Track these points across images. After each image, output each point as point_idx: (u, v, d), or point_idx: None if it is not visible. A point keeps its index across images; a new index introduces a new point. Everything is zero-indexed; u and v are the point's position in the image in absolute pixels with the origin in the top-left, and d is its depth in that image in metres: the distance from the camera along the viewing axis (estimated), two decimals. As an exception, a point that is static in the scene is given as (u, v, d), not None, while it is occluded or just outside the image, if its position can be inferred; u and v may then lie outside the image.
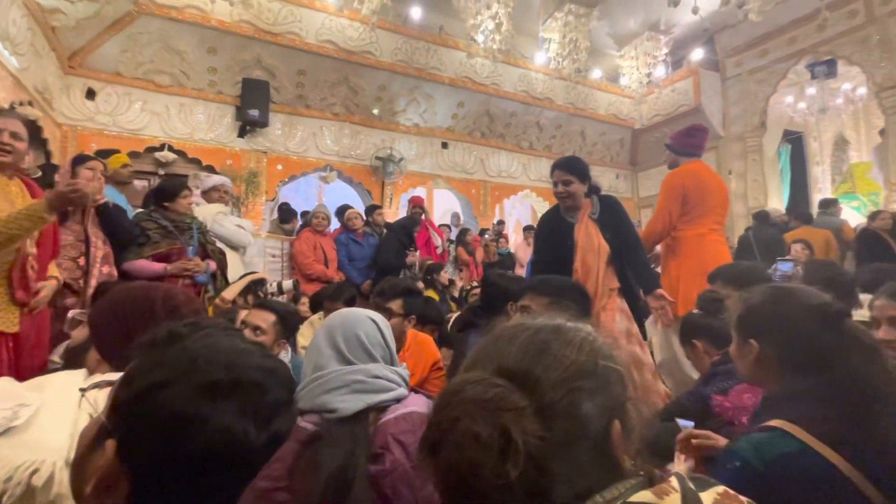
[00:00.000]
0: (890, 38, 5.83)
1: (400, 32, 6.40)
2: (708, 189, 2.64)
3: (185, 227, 2.74)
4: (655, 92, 7.98)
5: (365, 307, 1.43)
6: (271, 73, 5.86)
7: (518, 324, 0.54)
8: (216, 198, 3.25)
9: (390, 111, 6.81)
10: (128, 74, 5.25)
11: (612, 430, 0.48)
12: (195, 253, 2.73)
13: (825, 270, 2.14)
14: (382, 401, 1.01)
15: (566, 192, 2.23)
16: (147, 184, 5.28)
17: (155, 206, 2.72)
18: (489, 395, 0.45)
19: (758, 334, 0.96)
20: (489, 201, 7.77)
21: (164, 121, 5.45)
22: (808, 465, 0.76)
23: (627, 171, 9.13)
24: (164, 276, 2.47)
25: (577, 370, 0.48)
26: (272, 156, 6.10)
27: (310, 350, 1.11)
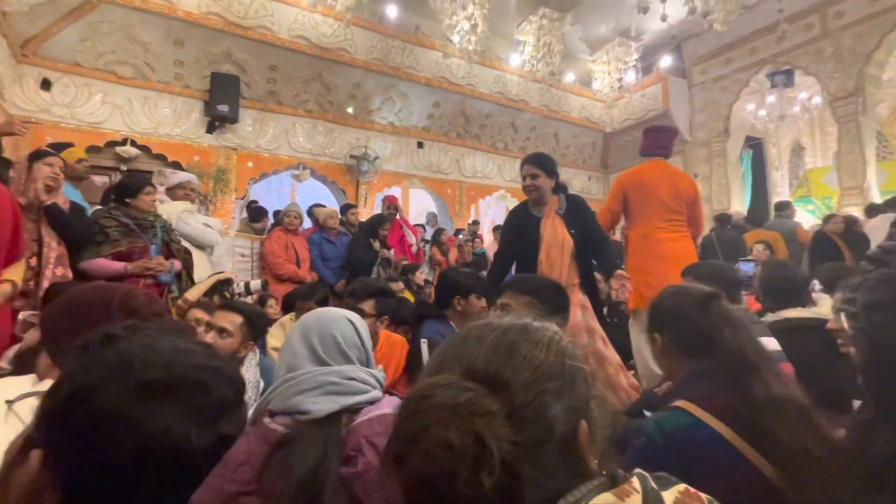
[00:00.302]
0: (842, 50, 6.17)
1: (375, 30, 6.35)
2: (651, 189, 2.65)
3: (148, 225, 2.63)
4: (626, 97, 8.20)
5: (339, 307, 1.40)
6: (241, 68, 5.70)
7: (485, 323, 0.53)
8: (182, 195, 3.13)
9: (365, 109, 6.74)
10: (87, 65, 5.00)
11: (578, 430, 0.47)
12: (158, 252, 2.62)
13: (781, 270, 2.24)
14: (356, 403, 0.99)
15: (533, 186, 2.30)
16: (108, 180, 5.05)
17: (116, 202, 2.60)
18: (461, 400, 0.43)
19: (659, 328, 1.08)
20: (464, 202, 7.79)
21: (127, 114, 5.22)
22: (700, 436, 0.85)
23: (599, 173, 9.34)
24: (124, 275, 2.36)
25: (546, 371, 0.47)
26: (242, 153, 5.94)
27: (283, 350, 1.08)
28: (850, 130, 6.16)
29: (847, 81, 6.14)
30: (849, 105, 6.14)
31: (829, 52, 6.29)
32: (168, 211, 2.93)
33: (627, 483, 0.45)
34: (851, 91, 6.10)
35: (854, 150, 6.11)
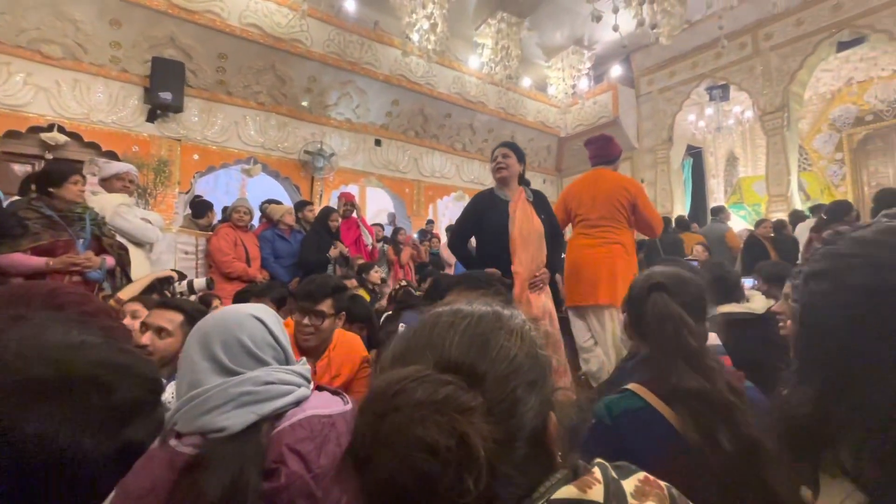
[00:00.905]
0: (771, 69, 6.73)
1: (332, 23, 6.19)
2: (585, 196, 2.74)
3: (75, 218, 2.41)
4: (579, 103, 8.51)
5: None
6: (187, 55, 5.37)
7: (454, 309, 0.49)
8: (119, 187, 2.89)
9: (321, 104, 6.56)
10: (6, 41, 4.52)
11: (548, 423, 0.46)
12: (87, 246, 2.41)
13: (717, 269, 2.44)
14: (278, 408, 0.88)
15: (504, 164, 2.39)
16: (31, 169, 4.60)
17: (38, 193, 2.36)
18: (441, 396, 0.39)
19: (625, 309, 1.17)
20: (422, 201, 7.77)
21: (54, 97, 4.77)
22: (646, 419, 0.91)
23: (554, 176, 9.62)
24: (46, 272, 2.14)
25: (521, 364, 0.45)
26: (187, 144, 5.59)
27: (182, 363, 0.92)
28: (777, 143, 6.72)
29: (774, 98, 6.69)
30: (776, 119, 6.70)
31: (759, 70, 6.84)
32: (102, 204, 2.70)
33: (589, 474, 0.45)
34: (778, 107, 6.66)
35: (780, 161, 6.68)
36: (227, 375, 0.88)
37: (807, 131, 8.50)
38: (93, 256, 2.42)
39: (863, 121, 8.14)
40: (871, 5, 5.78)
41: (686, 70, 7.76)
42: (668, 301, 0.98)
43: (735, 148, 9.43)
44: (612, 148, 2.85)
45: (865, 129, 8.16)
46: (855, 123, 8.22)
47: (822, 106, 8.47)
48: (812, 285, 0.52)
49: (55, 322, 0.47)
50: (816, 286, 0.51)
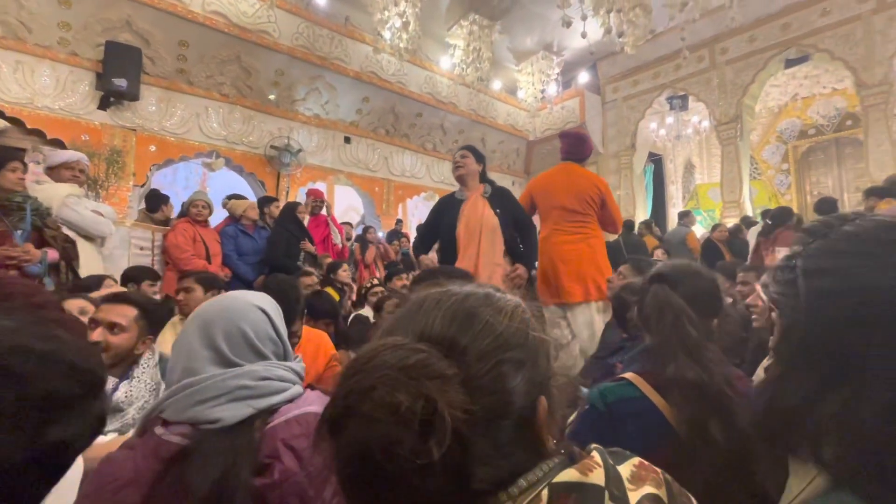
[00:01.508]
0: (726, 82, 7.11)
1: (301, 16, 6.04)
2: (552, 192, 2.76)
3: (13, 207, 2.25)
4: (548, 107, 8.68)
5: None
6: (144, 40, 5.10)
7: (444, 290, 0.48)
8: (67, 177, 2.69)
9: (288, 98, 6.38)
10: (-63, 15, 4.15)
11: (538, 407, 0.44)
12: (26, 238, 2.25)
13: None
14: (273, 404, 0.86)
15: (462, 163, 2.45)
16: (-37, 156, 4.22)
17: (-28, 180, 2.17)
18: (411, 361, 0.39)
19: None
20: (392, 200, 7.71)
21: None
22: (639, 408, 0.92)
23: (523, 178, 9.77)
24: (-20, 266, 1.97)
25: (507, 340, 0.44)
26: (143, 134, 5.30)
27: (177, 348, 0.89)
28: (731, 152, 7.10)
29: (729, 109, 7.07)
30: (730, 130, 7.08)
31: (715, 82, 7.21)
32: (49, 194, 2.51)
33: (589, 458, 0.45)
34: (732, 118, 7.05)
35: (733, 169, 7.06)
36: (225, 366, 0.85)
37: (757, 142, 9.03)
38: (32, 249, 2.26)
39: (806, 134, 8.74)
40: (816, 26, 6.22)
41: (648, 80, 8.08)
42: (669, 292, 0.98)
43: (693, 156, 9.90)
44: (586, 147, 2.90)
45: (808, 141, 8.76)
46: (799, 136, 8.82)
47: (771, 119, 9.03)
48: (815, 282, 0.53)
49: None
50: (819, 283, 0.52)
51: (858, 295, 0.49)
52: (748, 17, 6.52)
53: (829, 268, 0.52)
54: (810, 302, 0.53)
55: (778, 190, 9.03)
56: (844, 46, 5.99)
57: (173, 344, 0.92)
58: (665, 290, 0.99)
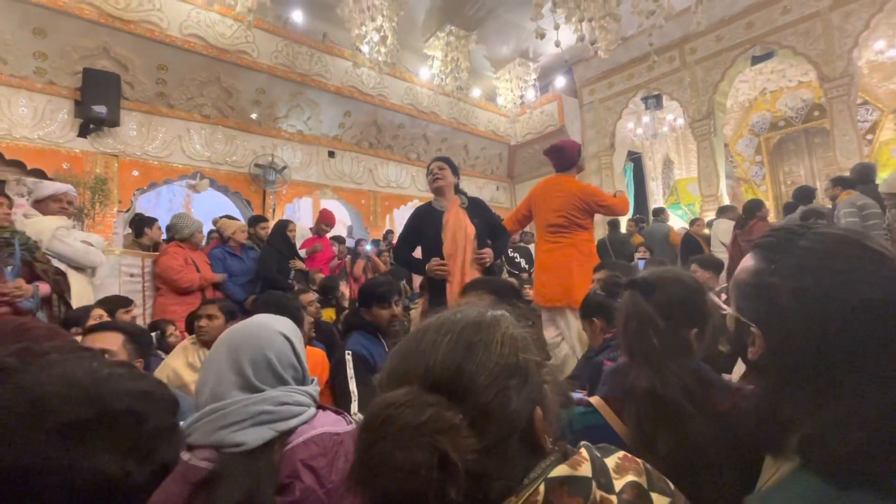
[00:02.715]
0: (697, 80, 7.35)
1: (280, 35, 6.09)
2: (541, 201, 2.95)
3: (2, 244, 2.26)
4: (527, 112, 8.84)
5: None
6: (123, 66, 5.09)
7: (440, 324, 0.53)
8: (56, 209, 2.69)
9: (270, 116, 6.41)
10: None
11: (535, 417, 0.50)
12: (17, 274, 2.26)
13: (656, 266, 2.73)
14: (292, 427, 0.91)
15: (441, 175, 2.53)
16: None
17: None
18: (423, 418, 0.44)
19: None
20: (379, 212, 7.75)
21: (-31, 113, 4.37)
22: (603, 436, 0.89)
23: (506, 183, 9.91)
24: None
25: (502, 370, 0.49)
26: (125, 160, 5.27)
27: (207, 371, 0.94)
28: (706, 147, 7.32)
29: (701, 106, 7.30)
30: (704, 126, 7.31)
31: (687, 81, 7.44)
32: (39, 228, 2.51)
33: (577, 454, 0.52)
34: (705, 115, 7.27)
35: (710, 164, 7.28)
36: (248, 391, 0.90)
37: (731, 136, 9.31)
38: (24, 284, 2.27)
39: (777, 126, 9.05)
40: (777, 24, 6.48)
41: (623, 81, 8.30)
42: (638, 299, 0.97)
43: (670, 152, 10.15)
44: (568, 156, 2.99)
45: (779, 133, 9.07)
46: (770, 129, 9.12)
47: (742, 113, 9.33)
48: (807, 302, 0.54)
49: (70, 353, 0.48)
50: (813, 303, 0.54)
51: (845, 311, 0.51)
52: (713, 17, 6.77)
53: (813, 286, 0.54)
54: (806, 321, 0.54)
55: (754, 181, 9.31)
56: (806, 42, 6.25)
57: (203, 363, 0.98)
58: (635, 297, 0.98)
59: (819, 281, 0.54)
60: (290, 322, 1.04)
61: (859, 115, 7.00)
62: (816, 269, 0.55)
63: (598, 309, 1.76)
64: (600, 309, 1.75)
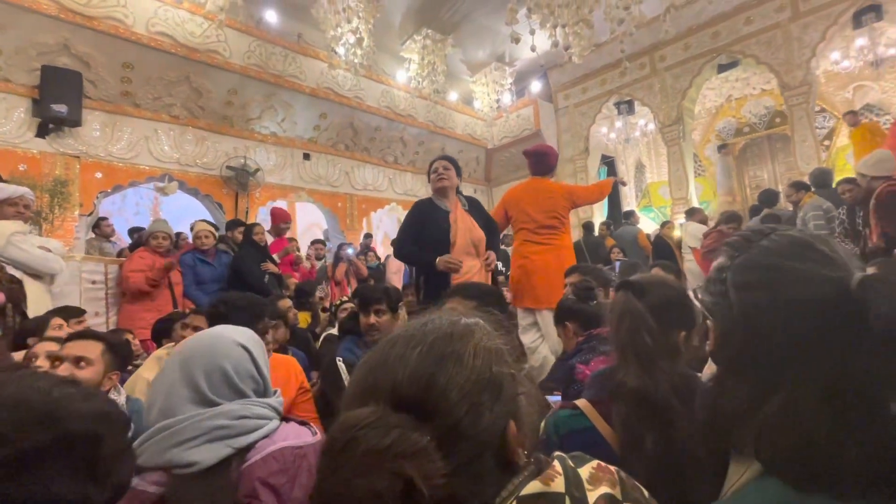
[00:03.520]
0: (666, 87, 7.57)
1: (253, 34, 5.96)
2: (522, 205, 2.97)
3: None
4: (504, 116, 8.93)
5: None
6: (85, 63, 4.88)
7: (409, 335, 0.50)
8: (11, 213, 2.55)
9: (243, 117, 6.26)
10: None
11: (508, 432, 0.48)
12: None
13: (630, 269, 2.77)
14: (250, 442, 0.85)
15: (446, 175, 2.51)
16: None
17: None
18: (387, 442, 0.41)
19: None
20: (356, 214, 7.67)
21: (-87, 110, 4.10)
22: (589, 441, 0.94)
23: (484, 186, 9.96)
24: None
25: (474, 384, 0.46)
26: (87, 161, 5.05)
27: (156, 388, 0.87)
28: (676, 152, 7.55)
29: (671, 112, 7.53)
30: (673, 131, 7.53)
31: (657, 87, 7.66)
32: (-10, 233, 2.38)
33: (551, 468, 0.49)
34: (674, 120, 7.50)
35: (679, 168, 7.50)
36: (203, 406, 0.84)
37: (699, 141, 9.63)
38: (-22, 294, 2.14)
39: (741, 132, 9.41)
40: (741, 34, 6.75)
41: (596, 87, 8.48)
42: (631, 299, 0.99)
43: (642, 156, 10.42)
44: (548, 161, 3.06)
45: (744, 139, 9.44)
46: (735, 134, 9.48)
47: (709, 119, 9.67)
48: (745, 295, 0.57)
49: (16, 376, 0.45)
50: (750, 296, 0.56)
51: (786, 307, 0.53)
52: (681, 26, 6.99)
53: (754, 281, 0.56)
54: (744, 313, 0.56)
55: (720, 185, 9.65)
56: (767, 52, 6.53)
57: (153, 380, 0.91)
58: (628, 297, 1.00)
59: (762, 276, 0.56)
60: (250, 331, 0.99)
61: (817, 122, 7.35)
62: (763, 265, 0.57)
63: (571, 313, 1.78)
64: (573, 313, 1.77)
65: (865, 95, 7.75)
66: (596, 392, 1.01)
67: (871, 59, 6.12)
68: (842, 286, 0.51)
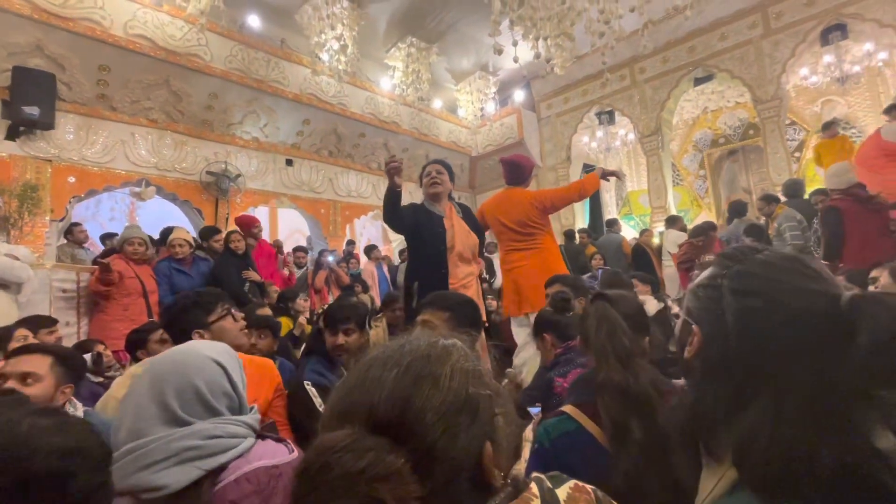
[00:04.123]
0: (646, 98, 7.76)
1: (235, 39, 5.90)
2: (498, 215, 3.00)
3: None
4: (487, 125, 9.02)
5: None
6: (59, 65, 4.76)
7: (386, 356, 0.50)
8: (-27, 219, 2.46)
9: (224, 122, 6.17)
10: None
11: (484, 454, 0.47)
12: None
13: (612, 277, 2.81)
14: (223, 463, 0.82)
15: (440, 180, 2.50)
16: None
17: None
18: (362, 465, 0.41)
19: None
20: (339, 221, 7.61)
21: None
22: (580, 440, 1.01)
23: (468, 193, 10.01)
24: None
25: (449, 407, 0.46)
26: (60, 165, 4.91)
27: (125, 405, 0.83)
28: (655, 161, 7.73)
29: (650, 123, 7.72)
30: (652, 141, 7.72)
31: (637, 98, 7.85)
32: (-49, 240, 2.27)
33: (528, 490, 0.49)
34: (653, 130, 7.69)
35: (658, 177, 7.68)
36: (174, 426, 0.80)
37: (677, 151, 9.87)
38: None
39: (717, 143, 9.69)
40: (716, 49, 6.99)
41: (578, 97, 8.64)
42: (608, 307, 1.11)
43: (623, 165, 10.62)
44: (522, 171, 3.09)
45: (719, 149, 9.71)
46: (712, 145, 9.76)
47: (687, 130, 9.93)
48: (744, 301, 0.58)
49: None
50: (748, 302, 0.58)
51: (781, 315, 0.54)
52: (659, 41, 7.19)
53: (754, 288, 0.58)
54: (739, 318, 0.58)
55: (698, 194, 9.90)
56: (741, 66, 6.77)
57: (122, 398, 0.87)
58: (605, 306, 1.12)
59: (761, 284, 0.58)
60: (223, 345, 0.95)
61: (788, 134, 7.63)
62: (760, 275, 0.59)
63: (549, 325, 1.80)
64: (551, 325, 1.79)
65: (833, 110, 8.07)
66: (579, 396, 1.09)
67: (838, 76, 6.39)
68: (833, 302, 0.53)
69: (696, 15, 4.58)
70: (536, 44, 4.61)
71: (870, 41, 6.15)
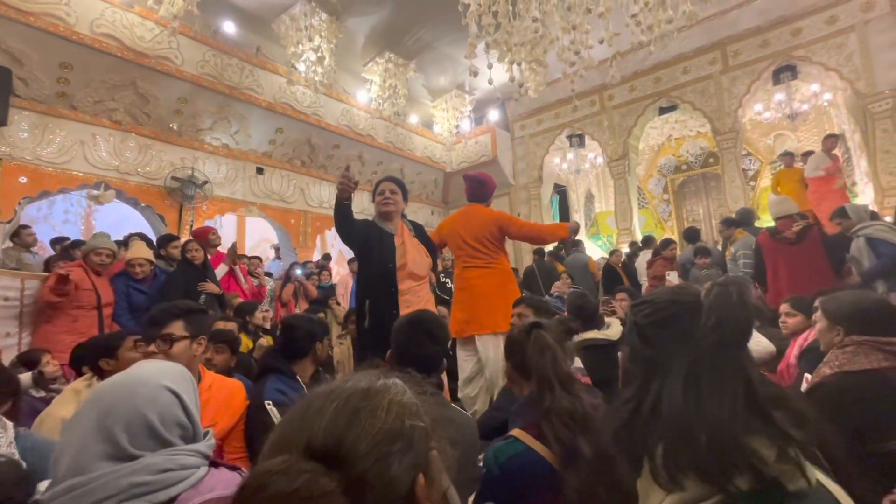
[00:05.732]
0: (614, 124, 8.09)
1: (207, 44, 5.80)
2: (455, 233, 2.96)
3: None
4: (462, 142, 9.15)
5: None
6: (16, 60, 4.55)
7: (329, 391, 0.52)
8: None
9: (193, 127, 6.01)
10: None
11: (417, 485, 0.49)
12: None
13: (578, 299, 2.81)
14: (173, 496, 0.77)
15: (393, 200, 2.46)
16: None
17: None
18: (296, 486, 0.42)
19: (507, 354, 1.32)
20: (309, 232, 7.49)
21: None
22: (528, 461, 1.04)
23: (441, 208, 10.08)
24: None
25: (385, 436, 0.48)
26: (11, 164, 4.65)
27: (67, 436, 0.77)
28: (622, 185, 8.02)
29: (618, 148, 8.03)
30: (619, 166, 8.02)
31: (606, 124, 8.17)
32: None
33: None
34: (621, 155, 8.00)
35: (625, 199, 7.97)
36: (121, 461, 0.74)
37: (642, 176, 10.29)
38: None
39: (680, 169, 10.16)
40: (679, 81, 7.38)
41: (550, 119, 8.91)
42: (546, 335, 1.16)
43: (592, 187, 10.96)
44: (485, 189, 3.07)
45: (682, 175, 10.18)
46: (675, 171, 10.22)
47: (652, 156, 10.38)
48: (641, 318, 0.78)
49: None
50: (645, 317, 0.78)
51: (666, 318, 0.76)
52: (627, 70, 7.53)
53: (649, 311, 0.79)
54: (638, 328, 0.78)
55: (662, 217, 10.32)
56: (702, 99, 7.17)
57: (65, 426, 0.80)
58: (542, 334, 1.18)
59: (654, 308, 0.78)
60: (179, 368, 0.90)
61: (744, 164, 8.10)
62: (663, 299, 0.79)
63: None
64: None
65: (784, 143, 8.63)
66: (523, 420, 1.12)
67: (788, 113, 6.86)
68: (698, 296, 0.75)
69: (660, 49, 4.84)
70: (511, 67, 4.75)
71: (816, 82, 6.65)
